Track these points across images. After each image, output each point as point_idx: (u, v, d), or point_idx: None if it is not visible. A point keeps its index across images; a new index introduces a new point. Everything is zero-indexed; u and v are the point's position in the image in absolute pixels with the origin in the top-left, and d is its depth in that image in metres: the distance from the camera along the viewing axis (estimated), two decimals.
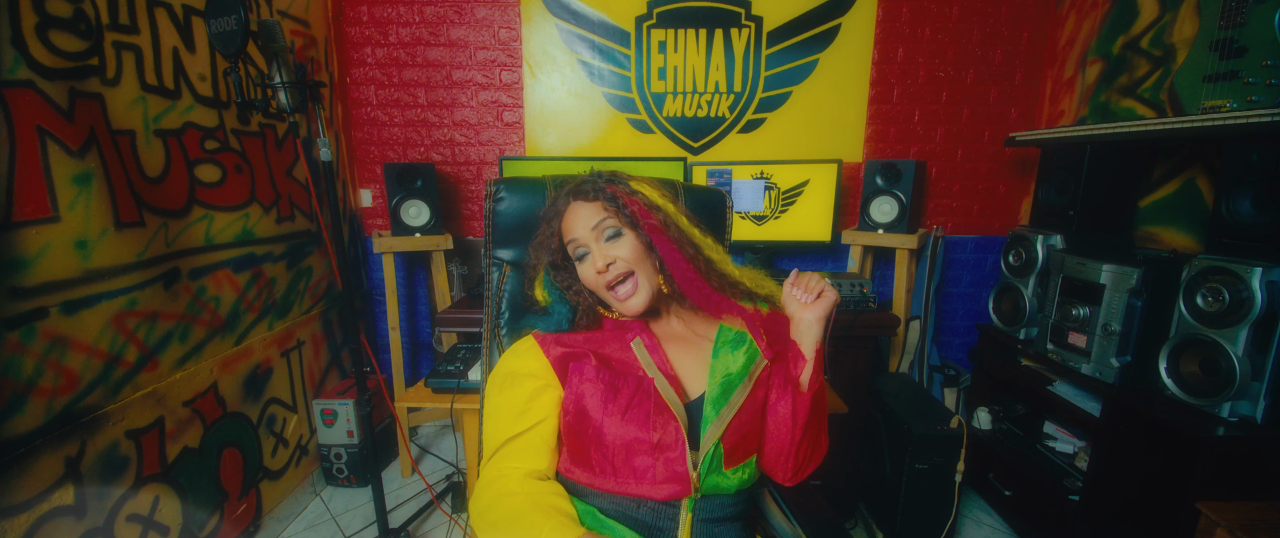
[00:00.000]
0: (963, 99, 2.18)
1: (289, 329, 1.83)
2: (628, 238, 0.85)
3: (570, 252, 0.88)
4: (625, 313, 0.86)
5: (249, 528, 1.63)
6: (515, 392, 0.82)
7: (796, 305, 0.84)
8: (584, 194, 0.88)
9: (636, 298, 0.84)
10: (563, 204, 0.90)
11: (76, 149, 1.15)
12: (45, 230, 1.10)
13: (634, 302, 0.84)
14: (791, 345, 0.85)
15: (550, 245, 0.91)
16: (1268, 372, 1.18)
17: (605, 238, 0.85)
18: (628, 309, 0.85)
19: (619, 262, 0.84)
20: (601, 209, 0.86)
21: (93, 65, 1.21)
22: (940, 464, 1.55)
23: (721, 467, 0.79)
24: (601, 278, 0.84)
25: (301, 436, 1.90)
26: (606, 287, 0.85)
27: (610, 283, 0.84)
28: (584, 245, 0.86)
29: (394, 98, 2.20)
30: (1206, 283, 1.25)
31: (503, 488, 0.77)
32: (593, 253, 0.85)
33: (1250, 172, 1.24)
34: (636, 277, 0.85)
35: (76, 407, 1.16)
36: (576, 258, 0.87)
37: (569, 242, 0.87)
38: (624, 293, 0.84)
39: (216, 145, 1.54)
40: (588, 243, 0.85)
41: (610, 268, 0.83)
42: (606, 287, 0.85)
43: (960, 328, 2.35)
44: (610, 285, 0.85)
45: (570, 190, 0.90)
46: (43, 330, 1.09)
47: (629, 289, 0.84)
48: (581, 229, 0.85)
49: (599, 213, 0.85)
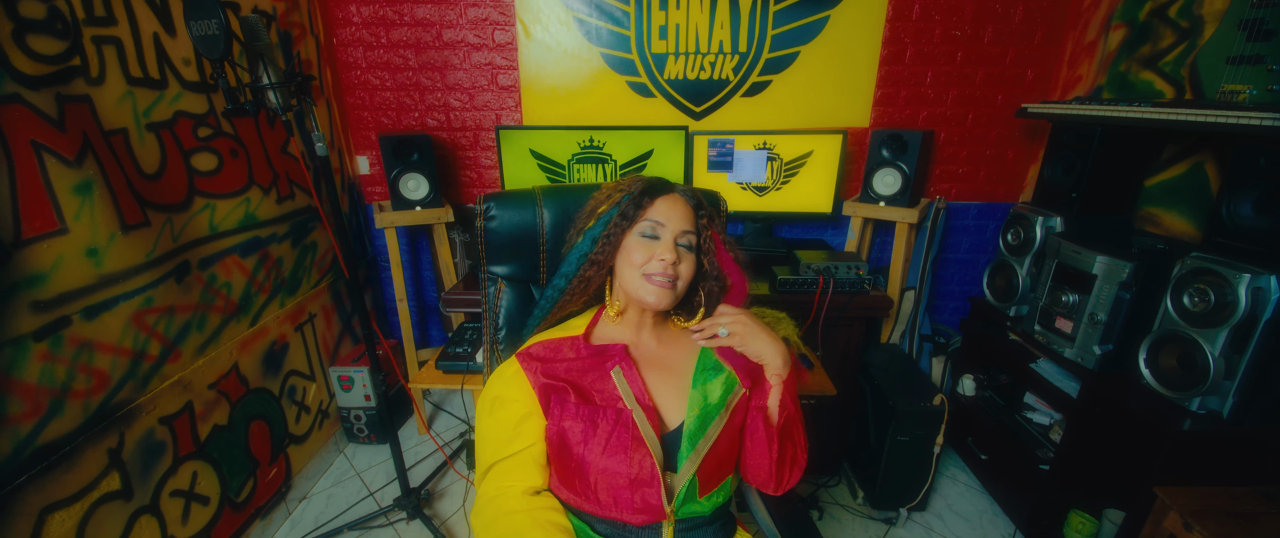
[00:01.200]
0: (978, 60, 2.08)
1: (300, 305, 1.89)
2: (693, 257, 0.91)
3: (641, 227, 0.90)
4: (644, 301, 0.88)
5: (281, 489, 1.78)
6: (503, 414, 0.87)
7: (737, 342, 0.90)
8: (690, 199, 0.94)
9: (662, 298, 0.87)
10: (665, 190, 0.93)
11: (73, 159, 1.15)
12: (56, 243, 1.12)
13: (656, 298, 0.87)
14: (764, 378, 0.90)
15: (622, 207, 0.91)
16: (1240, 372, 1.23)
17: (681, 244, 0.90)
18: (648, 300, 0.88)
19: (680, 265, 0.88)
20: (694, 222, 0.92)
21: (75, 66, 1.17)
22: (921, 436, 1.65)
23: (696, 496, 0.85)
24: (653, 263, 0.87)
25: (322, 401, 2.01)
26: (647, 274, 0.88)
27: (654, 274, 0.87)
28: (661, 230, 0.89)
29: (383, 60, 2.12)
30: (1195, 283, 1.27)
31: (503, 506, 0.83)
32: (664, 242, 0.88)
33: (1256, 175, 1.22)
34: (677, 285, 0.88)
35: (110, 403, 1.24)
36: (642, 233, 0.90)
37: (650, 219, 0.90)
38: (659, 286, 0.87)
39: (209, 132, 1.52)
40: (667, 234, 0.89)
41: (670, 266, 0.87)
42: (647, 274, 0.88)
43: (956, 293, 2.39)
44: (651, 276, 0.88)
45: (680, 188, 0.95)
46: (69, 338, 1.15)
47: (666, 286, 0.87)
48: (673, 221, 0.90)
49: (691, 223, 0.91)
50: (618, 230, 0.90)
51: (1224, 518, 1.22)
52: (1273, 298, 1.17)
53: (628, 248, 0.90)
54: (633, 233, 0.90)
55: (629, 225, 0.90)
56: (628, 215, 0.90)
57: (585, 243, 0.93)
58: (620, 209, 0.90)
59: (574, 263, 0.93)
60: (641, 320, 0.95)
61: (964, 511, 1.83)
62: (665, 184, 0.95)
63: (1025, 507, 1.69)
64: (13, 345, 1.05)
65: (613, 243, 0.91)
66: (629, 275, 0.89)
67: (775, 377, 0.89)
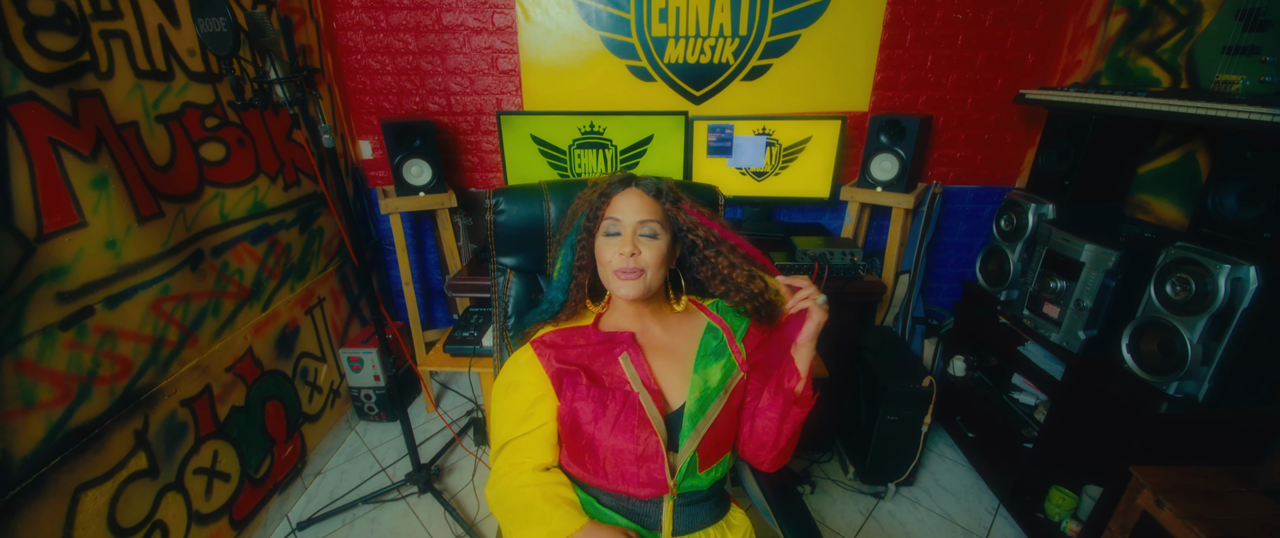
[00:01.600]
0: (979, 43, 2.08)
1: (309, 289, 1.94)
2: (660, 243, 0.92)
3: (603, 226, 0.94)
4: (619, 294, 0.93)
5: (297, 465, 1.86)
6: (517, 397, 0.94)
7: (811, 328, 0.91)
8: (646, 188, 0.95)
9: (630, 288, 0.91)
10: (621, 187, 0.95)
11: (88, 153, 1.18)
12: (76, 236, 1.16)
13: (626, 289, 0.91)
14: (788, 359, 0.94)
15: (588, 209, 0.95)
16: (1216, 358, 1.28)
17: (641, 234, 0.92)
18: (621, 293, 0.92)
19: (640, 258, 0.91)
20: (653, 209, 0.93)
21: (85, 61, 1.20)
22: (910, 416, 1.71)
23: (696, 471, 0.92)
24: (619, 259, 0.91)
25: (333, 381, 2.08)
26: (614, 270, 0.92)
27: (619, 269, 0.91)
28: (620, 226, 0.92)
29: (383, 44, 2.12)
30: (1178, 272, 1.31)
31: (516, 480, 0.90)
32: (624, 237, 0.91)
33: (1242, 168, 1.25)
34: (645, 274, 0.91)
35: (134, 387, 1.30)
36: (606, 233, 0.93)
37: (610, 217, 0.93)
38: (626, 279, 0.91)
39: (216, 122, 1.55)
40: (625, 228, 0.92)
41: (628, 257, 0.90)
42: (614, 270, 0.92)
43: (950, 275, 2.43)
44: (617, 271, 0.91)
45: (637, 179, 0.96)
46: (92, 326, 1.20)
47: (630, 277, 0.91)
48: (628, 214, 0.92)
49: (649, 211, 0.93)
50: (588, 236, 0.96)
51: (1194, 495, 1.29)
52: (1250, 288, 1.21)
53: (599, 249, 0.94)
54: (599, 235, 0.94)
55: (595, 228, 0.95)
56: (593, 219, 0.94)
57: (568, 253, 0.98)
58: (587, 215, 0.95)
59: (566, 274, 0.98)
60: (639, 310, 0.99)
61: (950, 486, 1.91)
62: (625, 180, 0.96)
63: (1009, 482, 1.77)
64: (42, 335, 1.10)
65: (588, 248, 0.96)
66: (604, 275, 0.94)
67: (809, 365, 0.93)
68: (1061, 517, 1.66)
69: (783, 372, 0.95)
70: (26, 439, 1.07)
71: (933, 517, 1.79)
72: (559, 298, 0.99)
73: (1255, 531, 1.20)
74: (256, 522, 1.67)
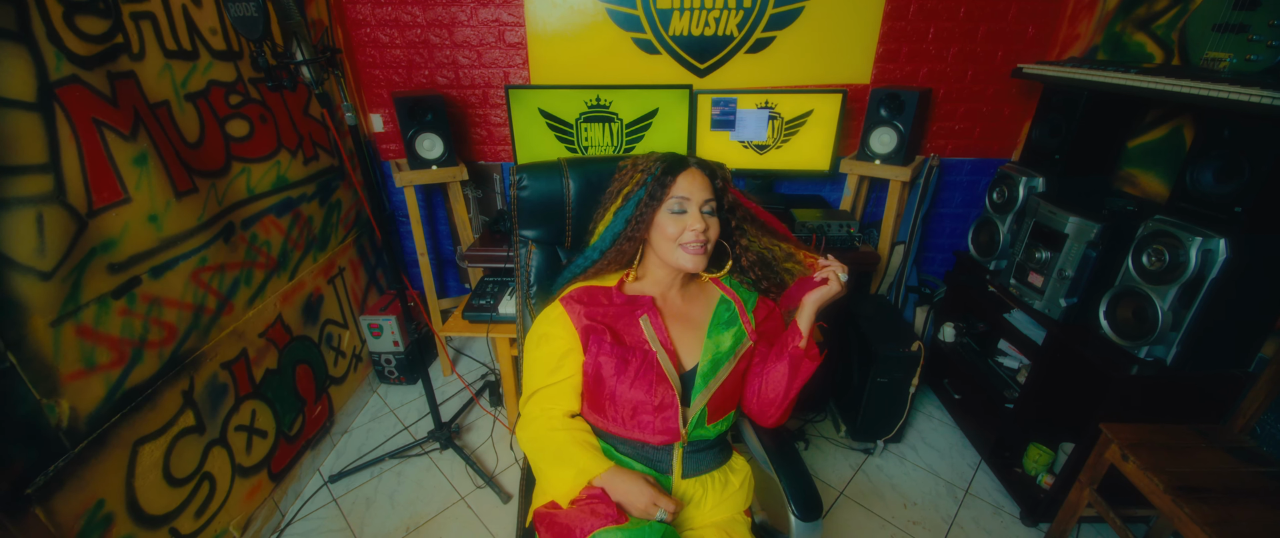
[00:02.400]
0: (981, 14, 2.10)
1: (330, 259, 2.03)
2: (717, 219, 1.04)
3: (669, 204, 1.02)
4: (681, 264, 1.02)
5: (325, 424, 1.99)
6: (548, 349, 1.04)
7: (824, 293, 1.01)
8: (706, 171, 1.05)
9: (697, 261, 1.01)
10: (683, 166, 1.03)
11: (128, 132, 1.25)
12: (122, 211, 1.25)
13: (692, 262, 1.01)
14: (792, 324, 1.04)
15: (647, 186, 1.03)
16: (1185, 324, 1.37)
17: (705, 211, 1.01)
18: (685, 264, 1.02)
19: (709, 231, 1.01)
20: (712, 191, 1.03)
21: (119, 43, 1.25)
22: (899, 378, 1.82)
23: (705, 423, 1.03)
24: (686, 234, 1.00)
25: (355, 347, 2.20)
26: (681, 243, 1.01)
27: (688, 243, 1.00)
28: (687, 205, 1.01)
29: (391, 16, 2.15)
30: (1154, 243, 1.39)
31: (548, 424, 1.02)
32: (691, 213, 1.01)
33: (1220, 145, 1.32)
34: (708, 247, 1.02)
35: (180, 351, 1.40)
36: (671, 209, 1.02)
37: (676, 195, 1.01)
38: (693, 253, 1.01)
39: (239, 99, 1.61)
40: (692, 206, 1.01)
41: (702, 232, 1.00)
42: (681, 243, 1.01)
43: (945, 245, 2.51)
44: (686, 244, 1.01)
45: (697, 162, 1.06)
46: (141, 295, 1.29)
47: (699, 252, 1.01)
48: (696, 194, 1.01)
49: (710, 192, 1.03)
50: (649, 210, 1.03)
51: (1157, 450, 1.41)
52: (1219, 259, 1.29)
53: (660, 223, 1.02)
54: (662, 210, 1.02)
55: (658, 205, 1.02)
56: (655, 196, 1.02)
57: (618, 223, 1.06)
58: (648, 190, 1.02)
59: (609, 239, 1.07)
60: (672, 279, 1.09)
61: (936, 443, 2.04)
62: (681, 161, 1.05)
63: (990, 439, 1.90)
64: (97, 303, 1.20)
65: (645, 221, 1.03)
66: (665, 246, 1.03)
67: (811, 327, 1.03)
68: (1038, 471, 1.79)
69: (786, 336, 1.05)
70: (90, 398, 1.18)
71: (918, 471, 1.92)
72: (593, 257, 1.09)
73: (1212, 481, 1.32)
74: (292, 475, 1.81)
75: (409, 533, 1.69)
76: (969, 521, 1.74)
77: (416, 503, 1.79)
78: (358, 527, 1.71)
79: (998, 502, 1.81)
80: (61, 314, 1.12)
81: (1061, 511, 1.60)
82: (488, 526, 1.71)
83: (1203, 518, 1.21)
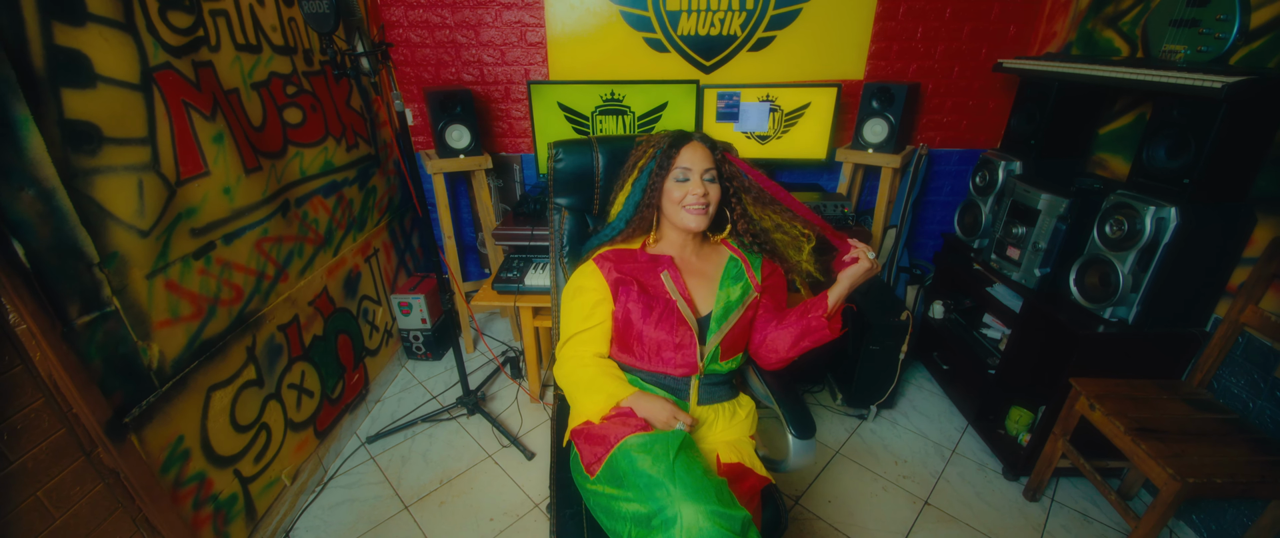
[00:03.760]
0: (966, 15, 2.28)
1: (367, 240, 2.20)
2: (717, 187, 1.21)
3: (675, 173, 1.19)
4: (686, 225, 1.19)
5: (362, 392, 2.15)
6: (583, 299, 1.22)
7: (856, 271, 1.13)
8: (706, 144, 1.22)
9: (699, 221, 1.19)
10: (686, 140, 1.21)
11: (209, 114, 1.43)
12: (202, 183, 1.42)
13: (696, 222, 1.19)
14: (823, 296, 1.18)
15: (657, 159, 1.20)
16: (1143, 286, 1.53)
17: (706, 179, 1.19)
18: (689, 224, 1.19)
19: (708, 195, 1.18)
20: (712, 161, 1.20)
21: (201, 36, 1.44)
22: (890, 346, 1.98)
23: (718, 360, 1.20)
24: (688, 197, 1.17)
25: (387, 323, 2.36)
26: (685, 206, 1.18)
27: (691, 206, 1.18)
28: (690, 174, 1.18)
29: (423, 19, 2.34)
30: (1115, 214, 1.56)
31: (581, 361, 1.20)
32: (693, 180, 1.18)
33: (1170, 124, 1.49)
34: (710, 209, 1.20)
35: (245, 311, 1.57)
36: (676, 178, 1.19)
37: (680, 166, 1.19)
38: (696, 214, 1.18)
39: (294, 90, 1.79)
40: (694, 174, 1.18)
41: (702, 196, 1.17)
42: (685, 206, 1.18)
43: (935, 232, 2.67)
44: (689, 207, 1.18)
45: (697, 136, 1.23)
46: (215, 258, 1.46)
47: (701, 213, 1.18)
48: (696, 164, 1.18)
49: (710, 162, 1.20)
50: (658, 179, 1.21)
51: (1122, 400, 1.56)
52: (1171, 226, 1.46)
53: (668, 190, 1.21)
54: (669, 179, 1.20)
55: (665, 174, 1.20)
56: (664, 166, 1.20)
57: (636, 193, 1.25)
58: (657, 163, 1.21)
59: (631, 208, 1.26)
60: (685, 241, 1.27)
61: (926, 410, 2.20)
62: (685, 136, 1.23)
63: (975, 403, 2.05)
64: (182, 262, 1.37)
65: (656, 189, 1.22)
66: (672, 209, 1.21)
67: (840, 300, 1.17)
68: (1018, 431, 1.94)
69: (812, 302, 1.20)
70: (174, 345, 1.35)
71: (909, 434, 2.08)
72: (619, 226, 1.27)
73: (1169, 425, 1.47)
74: (334, 434, 1.97)
75: (442, 485, 1.85)
76: (955, 475, 1.89)
77: (448, 460, 1.95)
78: (395, 480, 1.87)
79: (982, 460, 1.96)
80: (154, 268, 1.29)
81: (1038, 462, 1.76)
82: (514, 478, 1.87)
83: (1157, 453, 1.37)
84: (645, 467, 0.96)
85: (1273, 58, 1.48)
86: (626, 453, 1.01)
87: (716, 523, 0.86)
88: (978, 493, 1.82)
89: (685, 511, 0.87)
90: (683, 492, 0.90)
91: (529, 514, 1.74)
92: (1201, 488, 1.31)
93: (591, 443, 1.09)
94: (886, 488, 1.84)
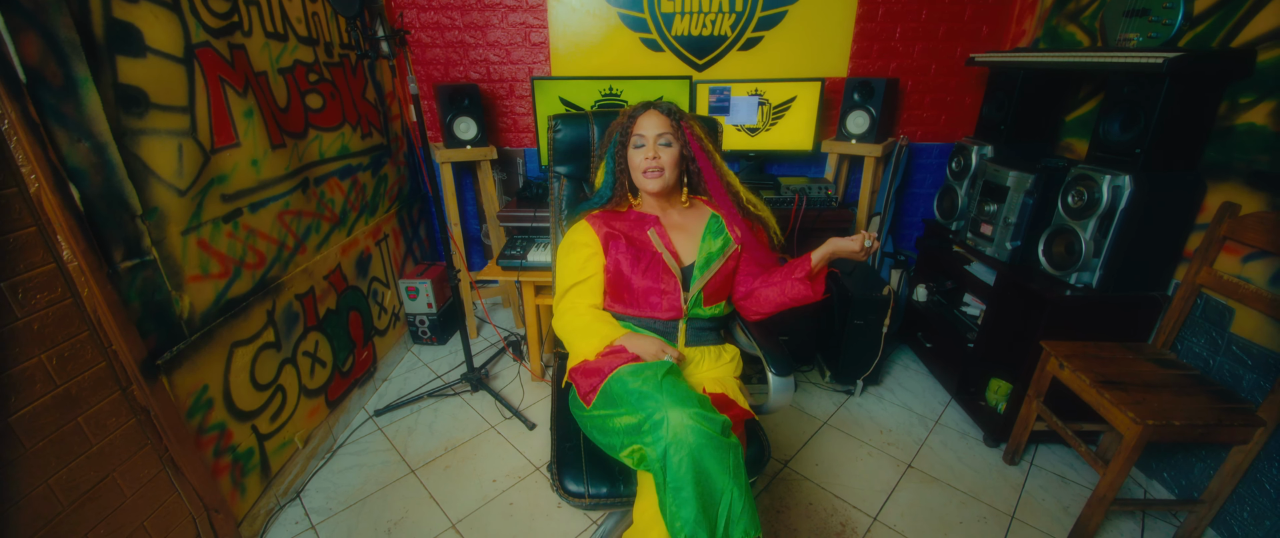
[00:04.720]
0: (940, 17, 2.44)
1: (378, 224, 2.33)
2: (673, 149, 1.31)
3: (633, 141, 1.31)
4: (647, 189, 1.31)
5: (369, 370, 2.25)
6: (577, 255, 1.33)
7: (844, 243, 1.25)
8: (662, 110, 1.32)
9: (655, 184, 1.30)
10: (644, 110, 1.32)
11: (241, 90, 1.57)
12: (233, 154, 1.55)
13: (652, 185, 1.30)
14: (807, 257, 1.29)
15: (620, 130, 1.33)
16: (1104, 251, 1.64)
17: (660, 144, 1.30)
18: (649, 187, 1.31)
19: (660, 159, 1.29)
20: (667, 125, 1.30)
21: (236, 22, 1.58)
22: (873, 321, 2.08)
23: (701, 305, 1.30)
24: (645, 163, 1.29)
25: (394, 305, 2.47)
26: (643, 171, 1.30)
27: (646, 170, 1.29)
28: (644, 140, 1.30)
29: (434, 21, 2.50)
30: (1076, 186, 1.68)
31: (577, 310, 1.30)
32: (648, 146, 1.29)
33: (1122, 101, 1.62)
34: (665, 172, 1.30)
35: (267, 276, 1.68)
36: (634, 145, 1.31)
37: (636, 134, 1.31)
38: (651, 177, 1.29)
39: (316, 77, 1.93)
40: (648, 140, 1.29)
41: (653, 160, 1.28)
42: (643, 171, 1.30)
43: (917, 223, 2.79)
44: (645, 171, 1.29)
45: (655, 104, 1.33)
46: (242, 224, 1.58)
47: (655, 176, 1.29)
48: (649, 129, 1.29)
49: (665, 127, 1.30)
50: (621, 149, 1.34)
51: (1089, 359, 1.66)
52: (1126, 193, 1.57)
53: (630, 157, 1.33)
54: (629, 147, 1.32)
55: (627, 142, 1.32)
56: (624, 137, 1.32)
57: (610, 162, 1.37)
58: (621, 133, 1.33)
59: (610, 178, 1.37)
60: (662, 204, 1.38)
61: (911, 386, 2.28)
62: (644, 106, 1.33)
63: (957, 378, 2.14)
64: (212, 224, 1.48)
65: (622, 158, 1.34)
66: (635, 176, 1.33)
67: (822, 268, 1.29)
68: (998, 401, 2.03)
69: (796, 261, 1.31)
70: (203, 299, 1.46)
71: (894, 407, 2.16)
72: (606, 195, 1.39)
73: (1133, 379, 1.56)
74: (343, 406, 2.06)
75: (447, 452, 1.93)
76: (937, 443, 1.97)
77: (453, 431, 2.03)
78: (402, 448, 1.95)
79: (964, 429, 2.04)
80: (189, 226, 1.41)
81: (1016, 425, 1.84)
82: (516, 446, 1.95)
83: (1120, 401, 1.46)
84: (636, 386, 1.06)
85: (1215, 39, 1.62)
86: (619, 378, 1.11)
87: (700, 422, 0.96)
88: (959, 458, 1.90)
89: (672, 414, 0.97)
90: (670, 400, 1.00)
91: (530, 476, 1.82)
92: (1162, 431, 1.40)
93: (587, 376, 1.19)
94: (871, 454, 1.92)
